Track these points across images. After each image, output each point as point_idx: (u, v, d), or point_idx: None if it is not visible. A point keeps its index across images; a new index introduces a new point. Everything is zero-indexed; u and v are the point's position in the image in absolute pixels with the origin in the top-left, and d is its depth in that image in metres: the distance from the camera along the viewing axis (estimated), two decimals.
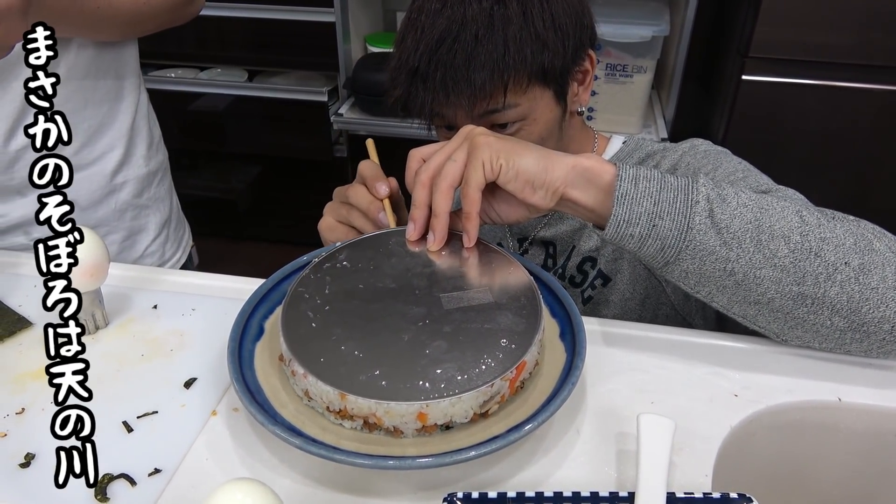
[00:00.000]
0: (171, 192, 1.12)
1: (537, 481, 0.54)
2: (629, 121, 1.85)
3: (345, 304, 0.60)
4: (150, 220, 1.05)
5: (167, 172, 1.10)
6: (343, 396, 0.52)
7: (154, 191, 1.05)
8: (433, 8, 0.72)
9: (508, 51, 0.70)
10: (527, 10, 0.71)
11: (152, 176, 1.05)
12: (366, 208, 0.72)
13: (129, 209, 1.02)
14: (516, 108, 0.74)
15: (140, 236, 1.05)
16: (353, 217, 0.73)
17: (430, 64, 0.71)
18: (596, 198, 0.61)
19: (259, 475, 0.54)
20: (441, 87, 0.71)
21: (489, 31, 0.70)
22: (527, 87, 0.73)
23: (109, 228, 1.00)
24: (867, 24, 1.52)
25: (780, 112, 1.65)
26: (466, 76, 0.70)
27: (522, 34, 0.71)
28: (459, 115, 0.74)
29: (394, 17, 2.20)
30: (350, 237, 0.72)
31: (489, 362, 0.53)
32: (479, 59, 0.70)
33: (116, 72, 0.96)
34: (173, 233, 1.11)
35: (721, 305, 0.63)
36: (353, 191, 0.74)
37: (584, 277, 0.88)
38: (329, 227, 0.76)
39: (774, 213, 0.60)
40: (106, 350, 0.67)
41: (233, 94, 2.13)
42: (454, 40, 0.70)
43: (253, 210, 2.45)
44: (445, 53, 0.71)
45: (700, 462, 0.54)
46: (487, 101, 0.72)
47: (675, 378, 0.63)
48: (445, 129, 0.79)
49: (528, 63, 0.72)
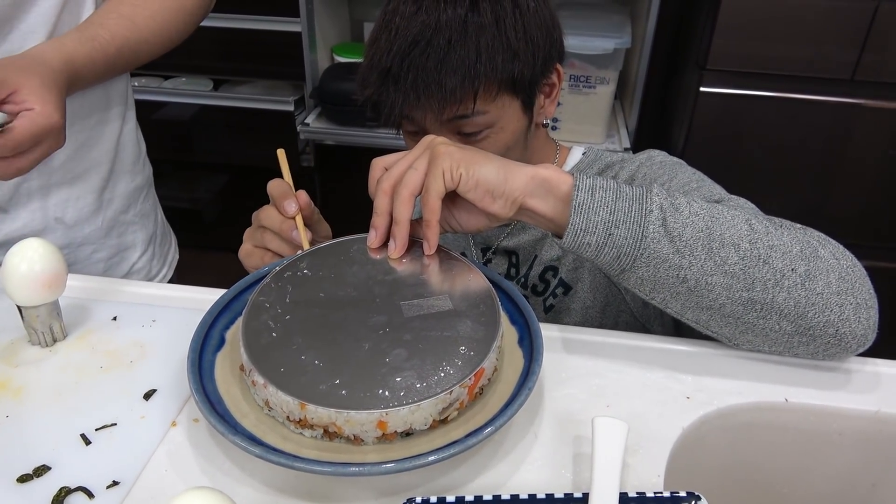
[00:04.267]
0: (157, 207, 1.10)
1: (496, 485, 0.55)
2: (593, 131, 1.88)
3: (306, 313, 0.60)
4: (137, 236, 1.03)
5: (152, 187, 1.08)
6: (303, 406, 0.53)
7: (140, 206, 1.03)
8: (408, 11, 0.73)
9: (480, 58, 0.72)
10: (500, 19, 0.73)
11: (139, 191, 1.02)
12: (278, 229, 0.71)
13: (116, 226, 0.99)
14: (485, 116, 0.75)
15: (127, 253, 1.02)
16: (266, 240, 0.72)
17: (403, 66, 0.72)
18: (554, 207, 0.62)
19: (220, 485, 0.54)
20: (412, 88, 0.72)
21: (462, 37, 0.72)
22: (496, 95, 0.75)
23: (96, 246, 0.98)
24: (821, 39, 1.57)
25: (737, 123, 1.69)
26: (438, 80, 0.71)
27: (495, 43, 0.72)
28: (428, 119, 0.75)
29: (361, 27, 2.21)
30: (268, 262, 0.72)
31: (448, 370, 0.54)
32: (451, 64, 0.71)
33: (105, 84, 0.93)
34: (159, 248, 1.08)
35: (675, 311, 0.65)
36: (264, 213, 0.73)
37: (546, 286, 0.90)
38: (246, 252, 0.74)
39: (725, 222, 0.62)
40: (64, 362, 0.66)
41: (198, 104, 2.11)
42: (427, 44, 0.71)
43: (219, 220, 2.43)
44: (418, 56, 0.71)
45: (653, 463, 0.56)
46: (457, 106, 0.73)
47: (630, 382, 0.65)
48: (413, 133, 0.80)
49: (499, 71, 0.73)
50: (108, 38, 0.79)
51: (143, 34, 0.84)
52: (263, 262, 0.73)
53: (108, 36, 0.79)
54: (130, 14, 0.83)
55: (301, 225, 0.71)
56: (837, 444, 0.64)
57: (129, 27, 0.82)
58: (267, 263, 0.72)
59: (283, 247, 0.72)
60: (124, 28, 0.81)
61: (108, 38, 0.79)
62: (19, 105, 0.68)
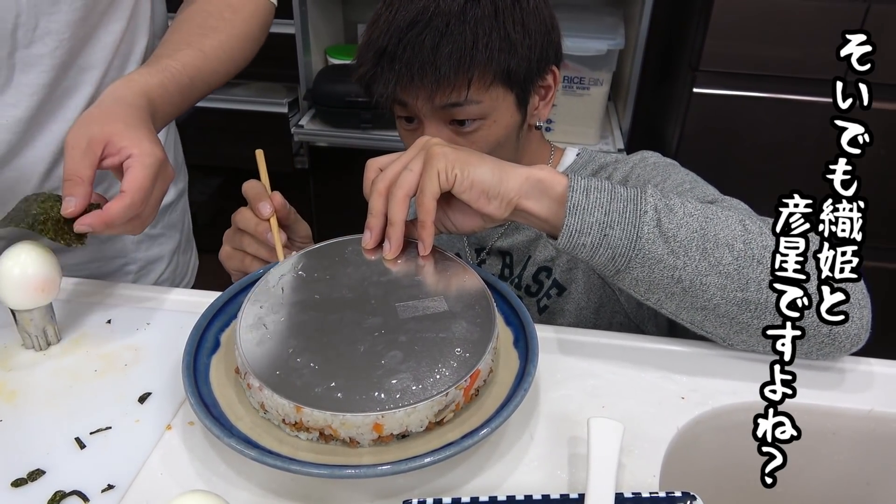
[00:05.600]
0: (185, 215, 1.07)
1: (492, 486, 0.55)
2: (587, 132, 1.89)
3: (301, 315, 0.60)
4: (165, 247, 1.00)
5: (185, 197, 1.05)
6: (299, 409, 0.53)
7: (168, 218, 1.00)
8: None
9: (476, 45, 0.72)
10: (499, 11, 0.73)
11: (174, 204, 1.00)
12: (253, 231, 0.71)
13: (145, 240, 0.97)
14: (478, 105, 0.75)
15: (155, 265, 0.99)
16: (244, 243, 0.72)
17: (399, 45, 0.72)
18: (549, 208, 0.62)
19: (216, 488, 0.54)
20: (406, 69, 0.72)
21: (461, 23, 0.72)
22: (490, 86, 0.75)
23: (127, 260, 0.95)
24: (812, 40, 1.58)
25: (730, 124, 1.70)
26: (433, 62, 0.71)
27: (492, 33, 0.73)
28: (421, 102, 0.75)
29: (355, 29, 2.21)
30: (248, 264, 0.71)
31: (444, 371, 0.54)
32: (447, 48, 0.71)
33: None
34: (182, 256, 1.06)
35: (670, 312, 0.65)
36: (239, 215, 0.73)
37: (540, 287, 0.90)
38: (226, 255, 0.74)
39: (719, 223, 0.62)
40: (58, 366, 0.66)
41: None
42: (426, 25, 0.72)
43: (213, 222, 2.42)
44: (415, 37, 0.72)
45: (648, 463, 0.56)
46: (450, 91, 0.73)
47: (625, 383, 0.65)
48: (405, 120, 0.80)
49: (495, 61, 0.73)
50: (178, 68, 0.77)
51: (213, 64, 0.81)
52: (243, 264, 0.73)
53: (179, 66, 0.77)
54: (199, 44, 0.80)
55: (276, 228, 0.70)
56: (832, 444, 0.65)
57: (199, 57, 0.79)
58: (247, 265, 0.72)
59: (260, 249, 0.72)
60: (193, 58, 0.79)
61: (180, 69, 0.77)
62: (117, 155, 0.65)
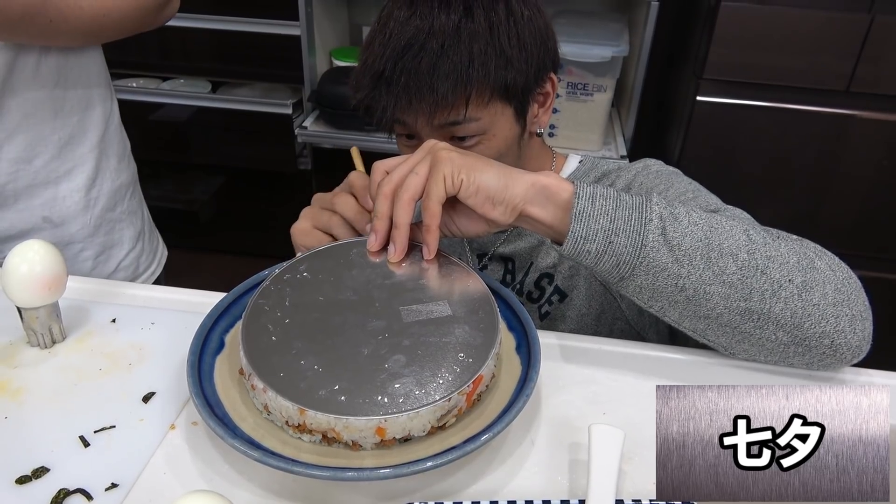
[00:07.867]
0: (142, 204, 1.10)
1: (493, 491, 0.55)
2: (590, 138, 1.89)
3: (305, 317, 0.60)
4: (125, 233, 1.03)
5: (137, 184, 1.08)
6: (302, 412, 0.53)
7: (127, 203, 1.03)
8: (402, 16, 0.73)
9: (473, 64, 0.72)
10: (494, 26, 0.73)
11: (125, 188, 1.03)
12: (352, 218, 0.71)
13: (103, 224, 0.99)
14: (477, 122, 0.75)
15: (114, 251, 1.02)
16: (333, 224, 0.72)
17: (395, 69, 0.72)
18: (554, 214, 0.63)
19: (218, 488, 0.54)
20: (404, 92, 0.72)
21: (456, 42, 0.72)
22: (488, 102, 0.75)
23: (83, 245, 0.98)
24: (817, 50, 1.59)
25: (733, 132, 1.70)
26: (430, 84, 0.72)
27: (488, 49, 0.73)
28: (420, 123, 0.75)
29: (360, 32, 2.21)
30: (324, 244, 0.71)
31: (447, 376, 0.55)
32: (444, 69, 0.71)
33: (85, 80, 0.93)
34: (147, 244, 1.09)
35: (673, 320, 0.65)
36: (340, 199, 0.72)
37: (542, 293, 0.90)
38: (304, 231, 0.73)
39: (723, 232, 0.62)
40: (63, 364, 0.66)
41: (196, 105, 2.11)
42: (420, 48, 0.72)
43: (216, 222, 2.43)
44: (411, 60, 0.72)
45: (649, 470, 0.56)
46: (449, 111, 0.74)
47: (626, 390, 0.65)
48: (406, 137, 0.80)
49: (492, 78, 0.73)
50: None
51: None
52: (321, 243, 0.71)
53: None
54: None
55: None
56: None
57: None
58: (321, 245, 0.71)
59: (348, 235, 0.71)
60: None
61: None
62: None
